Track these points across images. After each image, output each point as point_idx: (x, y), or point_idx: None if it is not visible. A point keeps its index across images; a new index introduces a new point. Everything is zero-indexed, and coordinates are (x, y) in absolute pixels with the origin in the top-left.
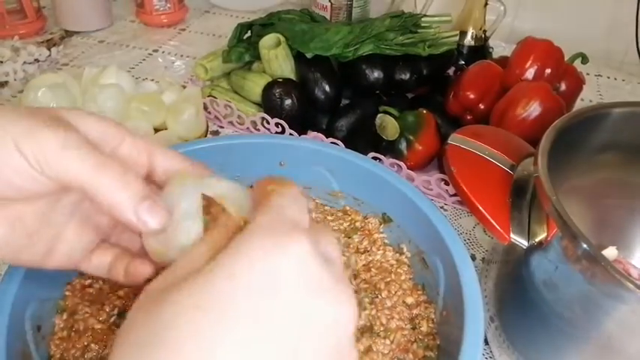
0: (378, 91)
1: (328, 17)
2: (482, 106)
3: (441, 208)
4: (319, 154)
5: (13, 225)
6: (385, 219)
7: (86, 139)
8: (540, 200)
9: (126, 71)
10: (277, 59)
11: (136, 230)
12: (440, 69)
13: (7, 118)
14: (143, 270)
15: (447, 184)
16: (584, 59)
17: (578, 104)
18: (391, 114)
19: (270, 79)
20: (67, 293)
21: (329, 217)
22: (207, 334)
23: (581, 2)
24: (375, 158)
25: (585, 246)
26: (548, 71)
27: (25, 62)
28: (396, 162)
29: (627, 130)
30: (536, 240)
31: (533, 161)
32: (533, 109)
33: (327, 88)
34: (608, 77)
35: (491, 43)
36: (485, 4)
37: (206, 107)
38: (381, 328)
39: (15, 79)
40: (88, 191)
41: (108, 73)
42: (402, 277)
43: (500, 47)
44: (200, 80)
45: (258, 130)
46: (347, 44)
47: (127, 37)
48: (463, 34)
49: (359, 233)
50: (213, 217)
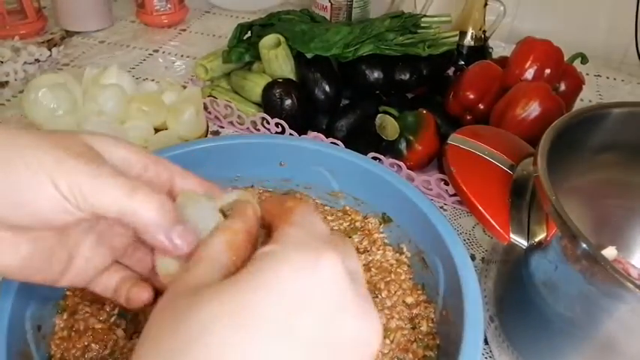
0: (378, 91)
1: (328, 17)
2: (481, 106)
3: (441, 208)
4: (319, 154)
5: (35, 245)
6: (385, 219)
7: (115, 167)
8: (540, 200)
9: (126, 71)
10: (277, 59)
11: (163, 252)
12: (440, 69)
13: (43, 149)
14: (142, 296)
15: (446, 184)
16: (584, 59)
17: (578, 104)
18: (391, 114)
19: (270, 80)
20: (68, 293)
21: (329, 217)
22: (238, 348)
23: (581, 2)
24: (375, 158)
25: (585, 246)
26: (547, 71)
27: (25, 62)
28: (396, 162)
29: (627, 130)
30: (536, 240)
31: (532, 161)
32: (533, 109)
33: (327, 88)
34: (608, 77)
35: (490, 43)
36: (485, 5)
37: (206, 107)
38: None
39: (15, 80)
40: (124, 217)
41: (108, 74)
42: (402, 277)
43: (499, 47)
44: (200, 80)
45: (258, 130)
46: (347, 44)
47: (128, 38)
48: (463, 34)
49: (359, 233)
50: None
